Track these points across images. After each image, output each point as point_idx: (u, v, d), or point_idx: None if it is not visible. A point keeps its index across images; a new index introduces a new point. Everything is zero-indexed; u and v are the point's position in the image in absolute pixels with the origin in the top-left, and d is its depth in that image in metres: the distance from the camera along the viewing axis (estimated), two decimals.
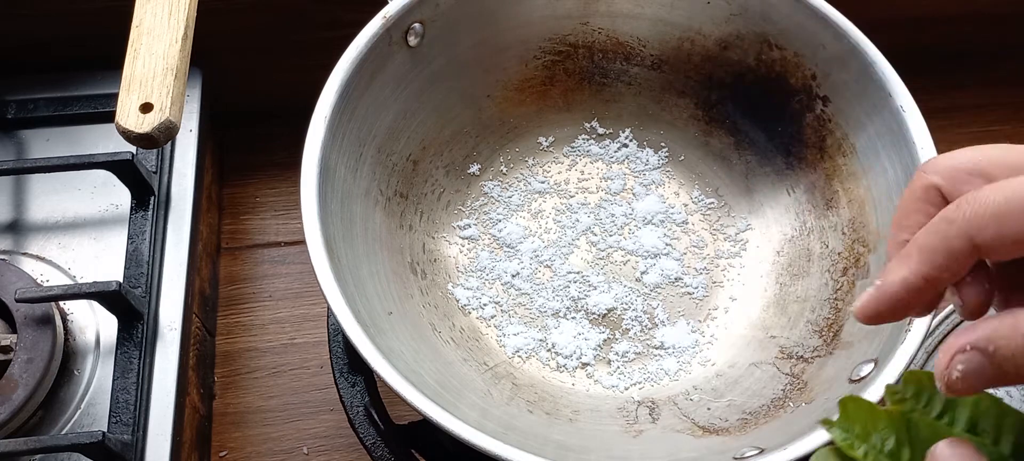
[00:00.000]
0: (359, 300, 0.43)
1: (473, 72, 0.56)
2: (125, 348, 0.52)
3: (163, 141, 0.42)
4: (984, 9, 0.74)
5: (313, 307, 0.64)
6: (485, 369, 0.50)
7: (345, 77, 0.47)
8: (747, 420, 0.46)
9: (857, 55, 0.50)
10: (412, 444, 0.49)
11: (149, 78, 0.43)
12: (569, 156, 0.60)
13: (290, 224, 0.68)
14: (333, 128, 0.46)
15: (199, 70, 0.64)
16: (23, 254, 0.57)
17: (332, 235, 0.44)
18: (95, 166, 0.56)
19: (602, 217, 0.58)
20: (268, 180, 0.70)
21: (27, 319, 0.51)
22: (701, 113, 0.59)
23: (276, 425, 0.59)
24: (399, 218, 0.53)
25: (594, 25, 0.57)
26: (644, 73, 0.59)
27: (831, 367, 0.47)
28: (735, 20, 0.54)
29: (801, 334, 0.51)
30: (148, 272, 0.55)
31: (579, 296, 0.55)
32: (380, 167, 0.52)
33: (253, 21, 0.65)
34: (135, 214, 0.57)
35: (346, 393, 0.49)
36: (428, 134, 0.55)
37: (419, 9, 0.50)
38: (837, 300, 0.50)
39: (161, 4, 0.45)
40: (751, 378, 0.50)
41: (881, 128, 0.49)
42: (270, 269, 0.66)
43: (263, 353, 0.62)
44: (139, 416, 0.51)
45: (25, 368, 0.50)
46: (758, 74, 0.55)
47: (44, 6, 0.62)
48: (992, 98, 0.76)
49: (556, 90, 0.60)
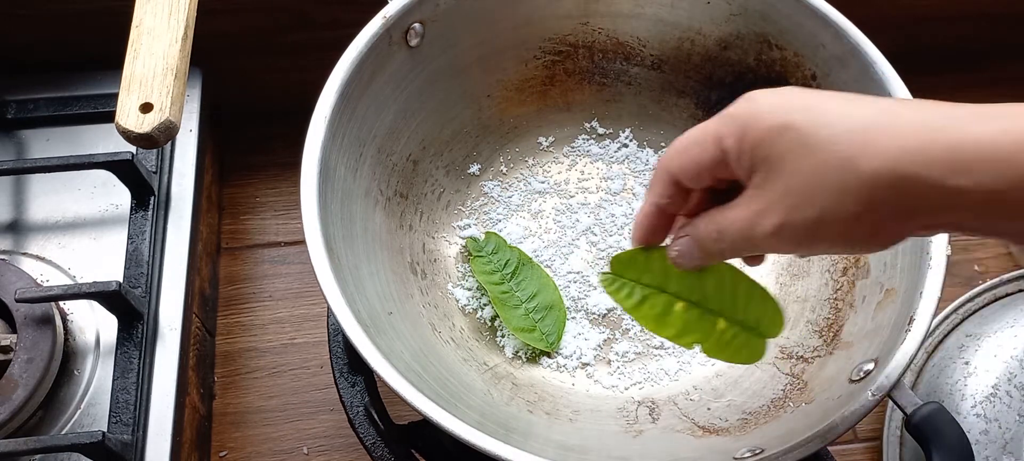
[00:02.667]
0: (359, 300, 0.43)
1: (473, 72, 0.56)
2: (125, 348, 0.52)
3: (163, 141, 0.42)
4: (984, 9, 0.74)
5: (313, 307, 0.64)
6: (485, 369, 0.50)
7: (345, 77, 0.47)
8: (747, 420, 0.46)
9: (857, 55, 0.50)
10: (412, 444, 0.49)
11: (149, 78, 0.43)
12: (569, 156, 0.60)
13: (290, 224, 0.68)
14: (333, 128, 0.46)
15: (199, 70, 0.64)
16: (23, 254, 0.57)
17: (332, 235, 0.44)
18: (95, 166, 0.56)
19: (602, 217, 0.58)
20: (268, 180, 0.70)
21: (27, 319, 0.51)
22: (701, 113, 0.59)
23: (276, 425, 0.59)
24: (399, 218, 0.53)
25: (594, 25, 0.57)
26: (644, 73, 0.59)
27: (831, 367, 0.47)
28: (735, 20, 0.54)
29: (801, 334, 0.51)
30: (148, 272, 0.55)
31: (579, 296, 0.55)
32: (380, 167, 0.52)
33: (253, 21, 0.65)
34: (135, 214, 0.57)
35: (346, 393, 0.49)
36: (428, 134, 0.55)
37: (419, 9, 0.50)
38: (837, 300, 0.50)
39: (161, 4, 0.45)
40: (751, 378, 0.50)
41: None
42: (270, 269, 0.66)
43: (263, 353, 0.62)
44: (139, 416, 0.51)
45: (25, 368, 0.50)
46: (758, 74, 0.55)
47: (44, 6, 0.62)
48: (992, 98, 0.75)
49: (556, 90, 0.60)
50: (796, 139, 0.31)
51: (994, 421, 0.55)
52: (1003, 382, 0.56)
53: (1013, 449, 0.54)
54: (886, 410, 0.59)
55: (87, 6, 0.62)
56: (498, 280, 0.53)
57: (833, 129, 0.30)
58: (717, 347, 0.40)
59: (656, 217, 0.38)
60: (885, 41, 0.50)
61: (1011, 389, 0.56)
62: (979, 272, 0.68)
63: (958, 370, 0.58)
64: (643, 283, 0.40)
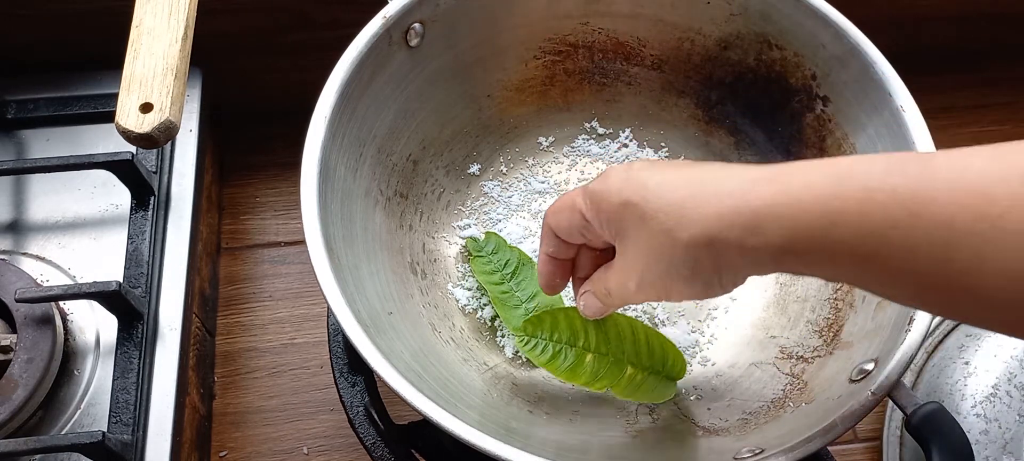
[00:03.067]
0: (359, 300, 0.43)
1: (473, 72, 0.56)
2: (125, 348, 0.52)
3: (163, 141, 0.42)
4: (984, 9, 0.74)
5: (313, 307, 0.64)
6: (485, 369, 0.50)
7: (345, 77, 0.47)
8: (747, 420, 0.46)
9: (857, 55, 0.50)
10: (412, 444, 0.49)
11: (149, 78, 0.43)
12: (569, 156, 0.60)
13: (290, 224, 0.68)
14: (333, 128, 0.46)
15: (199, 70, 0.64)
16: (23, 254, 0.57)
17: (332, 235, 0.44)
18: (95, 166, 0.56)
19: None
20: (268, 180, 0.70)
21: (27, 319, 0.51)
22: (701, 113, 0.59)
23: (276, 425, 0.59)
24: (399, 218, 0.53)
25: (594, 25, 0.57)
26: (644, 73, 0.59)
27: (831, 367, 0.47)
28: (735, 20, 0.54)
29: (801, 334, 0.51)
30: (148, 272, 0.55)
31: None
32: (380, 167, 0.52)
33: (253, 21, 0.65)
34: (135, 214, 0.57)
35: (346, 393, 0.49)
36: (428, 134, 0.55)
37: (419, 9, 0.50)
38: (837, 300, 0.50)
39: (161, 4, 0.45)
40: (751, 378, 0.50)
41: (881, 128, 0.49)
42: (270, 269, 0.66)
43: (263, 353, 0.62)
44: (139, 416, 0.51)
45: (25, 368, 0.50)
46: (758, 74, 0.55)
47: (44, 6, 0.62)
48: (992, 98, 0.76)
49: (556, 90, 0.60)
50: (635, 214, 0.36)
51: (994, 421, 0.55)
52: (1003, 382, 0.56)
53: (1013, 449, 0.54)
54: (886, 410, 0.59)
55: (87, 6, 0.62)
56: (498, 280, 0.53)
57: (658, 204, 0.35)
58: (628, 390, 0.47)
59: (551, 265, 0.45)
60: (885, 41, 0.50)
61: (1011, 389, 0.56)
62: None
63: (958, 370, 0.58)
64: (554, 340, 0.47)
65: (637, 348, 0.48)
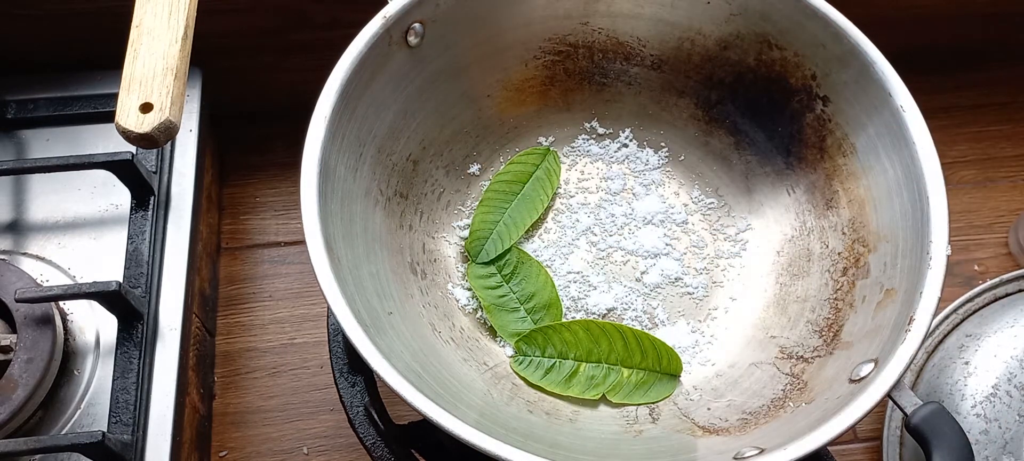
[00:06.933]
0: (359, 300, 0.43)
1: (473, 72, 0.56)
2: (125, 348, 0.52)
3: (163, 141, 0.42)
4: (984, 9, 0.74)
5: (313, 307, 0.64)
6: (485, 369, 0.50)
7: (345, 77, 0.47)
8: (747, 420, 0.46)
9: (857, 55, 0.50)
10: (412, 444, 0.49)
11: (149, 78, 0.43)
12: (569, 156, 0.60)
13: (290, 224, 0.68)
14: (333, 128, 0.46)
15: (199, 70, 0.64)
16: (23, 254, 0.57)
17: (332, 235, 0.44)
18: (95, 166, 0.56)
19: (602, 217, 0.58)
20: (268, 180, 0.70)
21: (27, 319, 0.51)
22: (701, 113, 0.59)
23: (276, 425, 0.59)
24: (399, 218, 0.53)
25: (594, 25, 0.57)
26: (644, 73, 0.59)
27: (831, 367, 0.47)
28: (735, 20, 0.54)
29: (801, 334, 0.51)
30: (148, 272, 0.55)
31: (579, 296, 0.55)
32: (380, 167, 0.52)
33: (253, 21, 0.65)
34: (135, 214, 0.57)
35: (346, 393, 0.49)
36: (428, 134, 0.55)
37: (419, 9, 0.50)
38: (837, 300, 0.50)
39: (161, 4, 0.45)
40: (751, 378, 0.50)
41: (881, 128, 0.49)
42: (270, 269, 0.66)
43: (263, 353, 0.62)
44: (139, 416, 0.51)
45: (25, 368, 0.50)
46: (758, 74, 0.55)
47: (44, 6, 0.62)
48: (991, 98, 0.76)
49: (556, 90, 0.60)
50: None
51: (994, 421, 0.55)
52: (1003, 382, 0.56)
53: (1013, 449, 0.54)
54: (886, 410, 0.59)
55: (87, 6, 0.62)
56: (495, 284, 0.53)
57: None
58: (629, 392, 0.50)
59: None
60: (885, 41, 0.50)
61: (1011, 389, 0.56)
62: (979, 272, 0.68)
63: (958, 370, 0.58)
64: (547, 355, 0.50)
65: (629, 351, 0.50)
